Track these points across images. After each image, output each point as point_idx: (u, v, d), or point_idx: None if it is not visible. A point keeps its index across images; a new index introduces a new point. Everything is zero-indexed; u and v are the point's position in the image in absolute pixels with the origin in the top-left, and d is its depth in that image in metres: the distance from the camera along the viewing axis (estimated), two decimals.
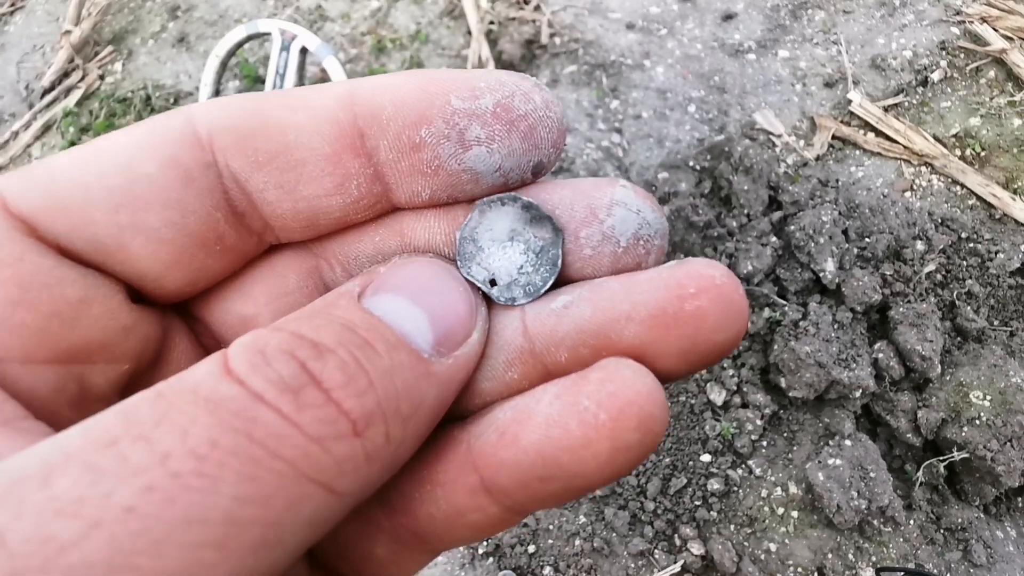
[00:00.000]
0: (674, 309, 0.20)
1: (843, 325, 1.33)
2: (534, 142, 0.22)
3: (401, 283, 0.21)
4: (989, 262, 1.45)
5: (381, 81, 0.22)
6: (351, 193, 0.22)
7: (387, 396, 0.18)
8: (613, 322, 0.21)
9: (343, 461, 0.16)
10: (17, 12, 2.23)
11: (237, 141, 0.21)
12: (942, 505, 1.28)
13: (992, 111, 1.68)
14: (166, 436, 0.15)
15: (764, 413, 1.34)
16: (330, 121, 0.21)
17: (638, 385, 0.19)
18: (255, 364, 0.17)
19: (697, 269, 0.20)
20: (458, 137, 0.21)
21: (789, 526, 1.28)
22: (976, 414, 1.24)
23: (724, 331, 0.20)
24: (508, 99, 0.21)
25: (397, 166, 0.22)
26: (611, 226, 0.22)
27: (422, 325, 0.20)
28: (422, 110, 0.21)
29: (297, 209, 0.22)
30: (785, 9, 1.95)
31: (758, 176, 1.53)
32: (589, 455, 0.19)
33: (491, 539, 1.31)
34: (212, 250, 0.22)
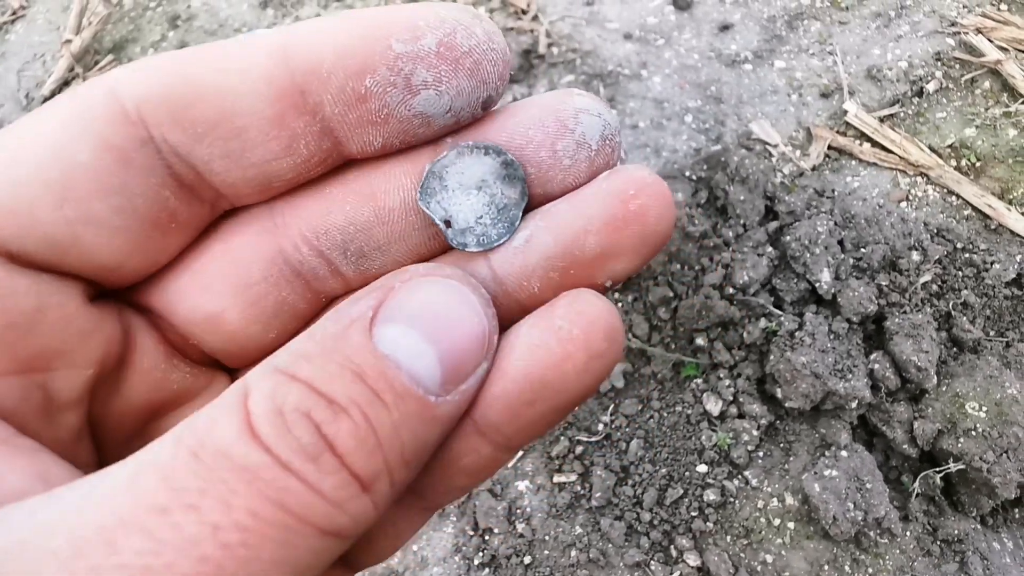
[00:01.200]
0: (622, 212, 0.22)
1: (839, 336, 1.33)
2: (481, 78, 0.22)
3: (414, 313, 0.20)
4: (985, 273, 1.45)
5: (314, 29, 0.21)
6: (300, 153, 0.22)
7: (391, 450, 0.19)
8: (574, 240, 0.22)
9: (357, 515, 0.18)
10: (18, 21, 2.24)
11: (171, 114, 0.20)
12: (938, 517, 1.27)
13: (987, 122, 1.69)
14: (213, 507, 0.16)
15: (760, 424, 1.34)
16: (266, 81, 0.20)
17: (599, 303, 0.22)
18: (277, 428, 0.17)
19: (631, 174, 0.22)
20: (404, 83, 0.21)
21: (785, 537, 1.27)
22: (972, 425, 1.24)
23: (664, 221, 0.22)
24: (450, 37, 0.21)
25: (345, 119, 0.21)
26: (581, 133, 0.23)
27: (431, 365, 0.20)
28: (364, 58, 0.20)
29: (247, 176, 0.22)
30: (781, 20, 1.96)
31: (754, 186, 1.53)
32: (569, 367, 0.21)
33: (487, 550, 1.31)
34: (167, 229, 0.22)
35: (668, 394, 1.42)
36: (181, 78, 0.20)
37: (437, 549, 1.32)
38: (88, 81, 0.21)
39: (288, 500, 0.17)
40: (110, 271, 0.21)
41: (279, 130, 0.21)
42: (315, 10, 2.11)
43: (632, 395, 1.43)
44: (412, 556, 1.32)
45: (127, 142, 0.20)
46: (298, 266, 0.24)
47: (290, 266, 0.24)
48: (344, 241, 0.24)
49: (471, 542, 1.32)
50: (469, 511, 1.35)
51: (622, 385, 1.44)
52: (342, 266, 0.24)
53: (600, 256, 0.22)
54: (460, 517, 1.35)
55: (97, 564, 0.15)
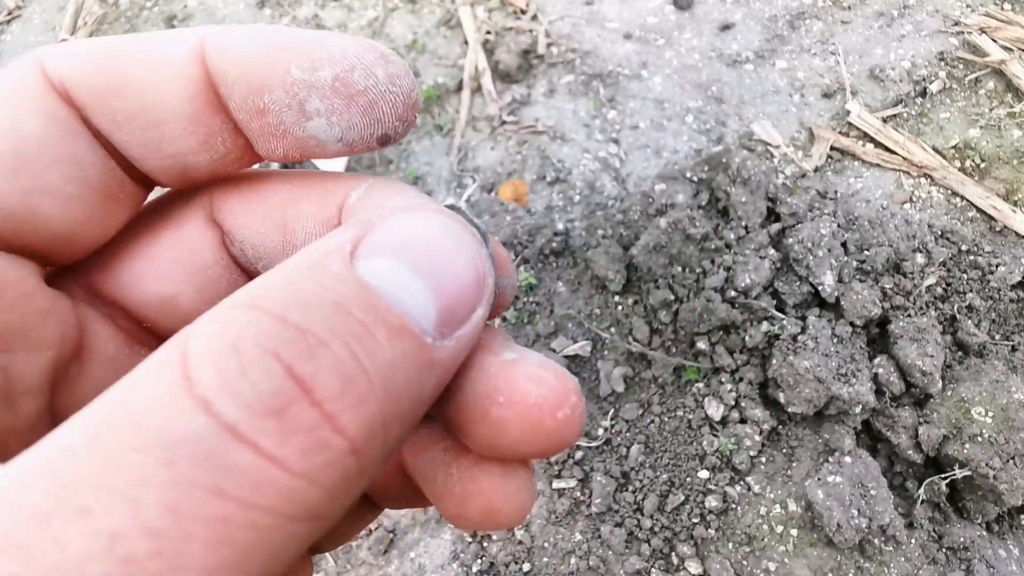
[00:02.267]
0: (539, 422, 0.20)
1: (842, 339, 1.31)
2: (375, 116, 0.21)
3: (400, 243, 0.18)
4: (990, 275, 1.43)
5: (228, 36, 0.21)
6: (217, 149, 0.22)
7: (389, 400, 0.15)
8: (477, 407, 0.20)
9: (335, 487, 0.14)
10: (14, 21, 2.23)
11: (94, 99, 0.21)
12: (944, 523, 1.26)
13: (992, 122, 1.67)
14: (111, 507, 0.12)
15: (763, 429, 1.32)
16: (185, 80, 0.21)
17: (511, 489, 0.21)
18: (226, 375, 0.13)
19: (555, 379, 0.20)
20: (298, 107, 0.21)
21: (788, 544, 1.26)
22: (978, 431, 1.22)
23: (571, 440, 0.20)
24: (348, 73, 0.21)
25: (249, 126, 0.22)
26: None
27: (425, 301, 0.17)
28: (264, 77, 0.21)
29: (164, 166, 0.22)
30: (783, 20, 1.94)
31: (756, 188, 1.51)
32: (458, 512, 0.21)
33: (485, 557, 1.29)
34: (117, 199, 0.22)
35: (669, 399, 1.40)
36: (106, 66, 0.21)
37: (435, 556, 1.31)
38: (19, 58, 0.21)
39: (228, 481, 0.12)
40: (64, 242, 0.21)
41: (196, 126, 0.22)
42: (312, 10, 2.10)
43: (632, 399, 1.41)
44: (409, 563, 1.30)
45: (68, 115, 0.21)
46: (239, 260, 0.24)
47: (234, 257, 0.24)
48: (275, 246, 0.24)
49: (469, 549, 1.30)
50: None
51: (622, 389, 1.42)
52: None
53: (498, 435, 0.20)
54: None
55: None
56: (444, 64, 1.95)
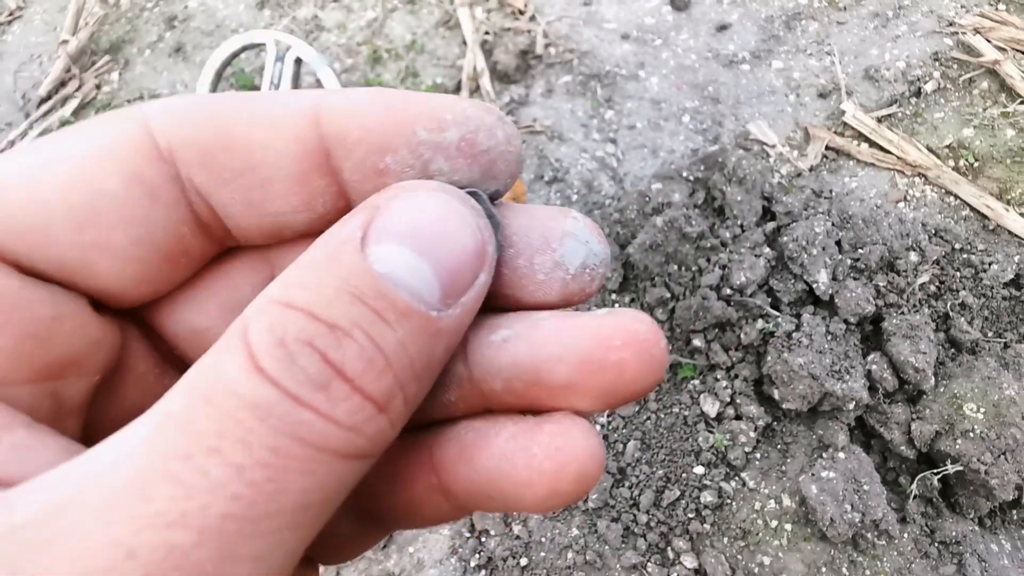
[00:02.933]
0: (599, 358, 0.22)
1: (836, 337, 1.33)
2: (493, 175, 0.23)
3: (404, 229, 0.20)
4: (983, 273, 1.45)
5: (348, 99, 0.22)
6: (317, 210, 0.23)
7: (401, 368, 0.19)
8: (545, 362, 0.22)
9: (374, 436, 0.19)
10: (15, 22, 2.24)
11: (201, 157, 0.21)
12: (936, 518, 1.27)
13: (985, 122, 1.69)
14: (234, 448, 0.17)
15: (757, 425, 1.34)
16: (296, 139, 0.22)
17: (583, 444, 0.21)
18: (282, 361, 0.18)
19: (625, 323, 0.22)
20: (422, 167, 0.22)
21: (783, 539, 1.27)
22: (970, 427, 1.23)
23: (641, 381, 0.22)
24: (473, 134, 0.22)
25: (361, 187, 0.23)
26: (562, 255, 0.24)
27: (429, 279, 0.20)
28: (388, 138, 0.22)
29: (262, 224, 0.23)
30: (779, 20, 1.95)
31: (752, 187, 1.53)
32: (528, 493, 0.21)
33: (483, 552, 1.31)
34: (178, 262, 0.23)
35: (665, 395, 1.42)
36: (214, 124, 0.22)
37: (434, 551, 1.32)
38: (122, 111, 0.22)
39: (304, 432, 0.17)
40: (115, 296, 0.22)
41: (301, 186, 0.22)
42: (312, 11, 2.11)
43: None
44: (408, 558, 1.32)
45: (157, 177, 0.21)
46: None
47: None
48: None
49: (467, 544, 1.32)
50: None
51: None
52: None
53: (564, 388, 0.22)
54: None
55: (136, 513, 0.16)
56: (443, 64, 1.96)
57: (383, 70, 1.97)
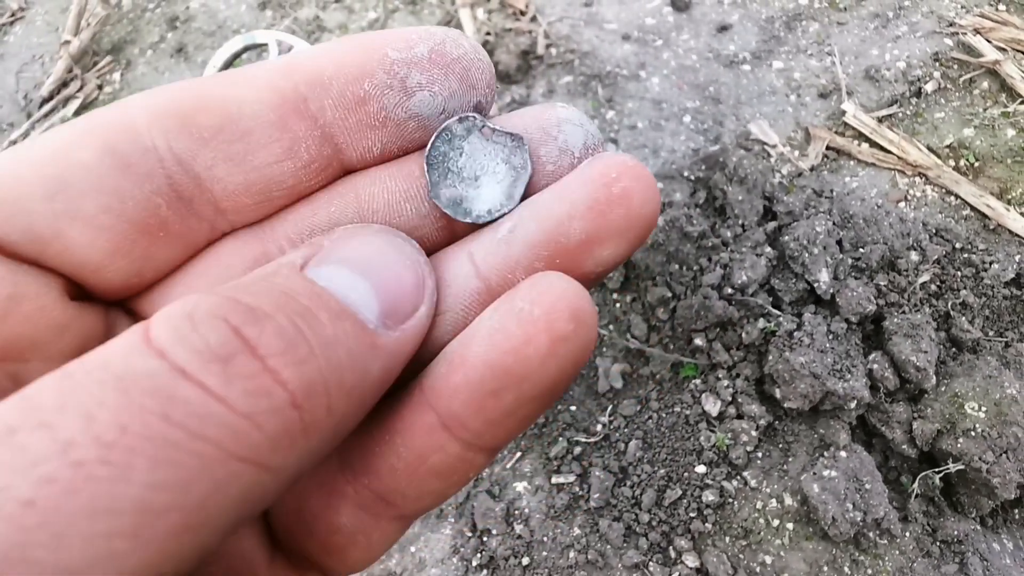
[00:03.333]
0: (605, 195, 0.22)
1: (838, 336, 1.33)
2: (471, 82, 0.23)
3: (346, 255, 0.20)
4: (984, 273, 1.45)
5: (319, 47, 0.23)
6: (301, 156, 0.23)
7: (330, 366, 0.17)
8: (559, 226, 0.22)
9: (278, 436, 0.15)
10: (17, 23, 2.24)
11: (179, 121, 0.22)
12: (938, 517, 1.27)
13: (986, 122, 1.69)
14: (69, 422, 0.13)
15: (759, 424, 1.34)
16: (271, 89, 0.22)
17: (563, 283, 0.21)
18: (180, 331, 0.15)
19: (612, 159, 0.23)
20: (400, 85, 0.22)
21: (784, 538, 1.27)
22: (971, 425, 1.23)
23: (649, 203, 0.22)
24: (440, 45, 0.23)
25: (345, 123, 0.23)
26: (564, 140, 0.24)
27: (367, 296, 0.20)
28: (362, 64, 0.22)
29: (249, 181, 0.23)
30: (779, 21, 1.96)
31: (752, 186, 1.53)
32: (531, 351, 0.19)
33: (485, 551, 1.31)
34: (155, 237, 0.22)
35: (667, 395, 1.42)
36: (193, 92, 0.22)
37: (435, 550, 1.32)
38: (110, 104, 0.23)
39: (174, 410, 0.14)
40: (91, 271, 0.22)
41: (281, 132, 0.22)
42: (313, 11, 2.12)
43: (631, 396, 1.43)
44: (410, 558, 1.32)
45: (130, 148, 0.21)
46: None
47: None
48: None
49: (469, 543, 1.32)
50: (467, 512, 1.34)
51: (620, 386, 1.43)
52: None
53: (585, 242, 0.22)
54: (458, 518, 1.34)
55: None
56: None
57: None
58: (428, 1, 2.10)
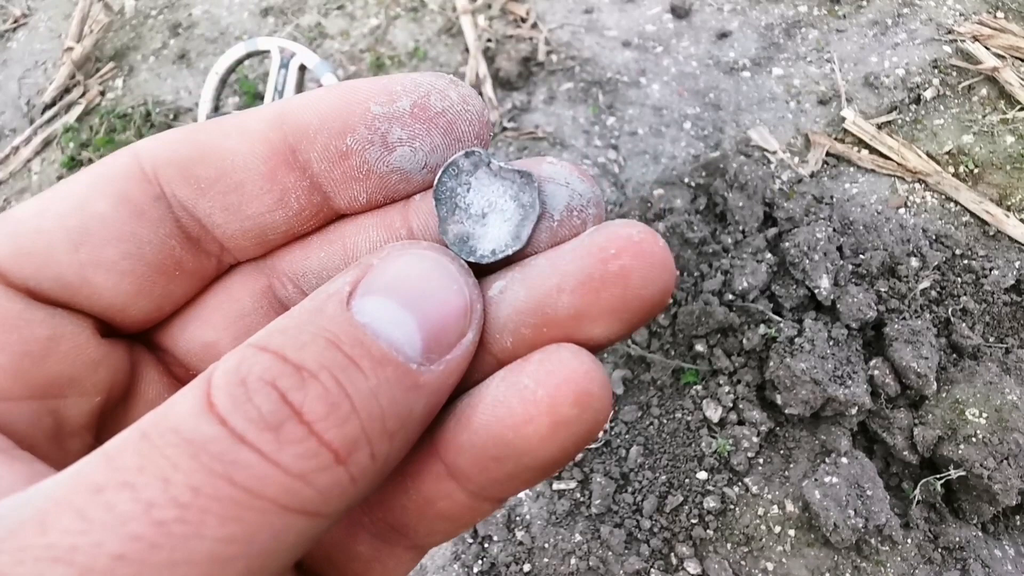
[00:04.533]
0: (599, 272, 0.20)
1: (838, 342, 1.33)
2: (456, 136, 0.23)
3: (391, 282, 0.20)
4: (984, 279, 1.45)
5: (307, 97, 0.23)
6: (292, 206, 0.24)
7: (370, 418, 0.18)
8: (546, 296, 0.21)
9: (327, 490, 0.17)
10: (20, 28, 2.25)
11: (180, 172, 0.23)
12: (940, 523, 1.27)
13: (985, 128, 1.70)
14: (149, 483, 0.15)
15: (760, 430, 1.34)
16: (262, 141, 0.23)
17: (574, 363, 0.20)
18: (236, 399, 0.17)
19: (615, 231, 0.21)
20: (381, 140, 0.23)
21: (786, 545, 1.27)
22: (972, 432, 1.24)
23: (651, 285, 0.20)
24: (424, 99, 0.23)
25: (330, 175, 0.23)
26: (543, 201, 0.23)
27: (411, 332, 0.19)
28: (344, 119, 0.23)
29: (245, 228, 0.24)
30: (779, 28, 1.97)
31: (753, 192, 1.54)
32: (531, 431, 0.19)
33: (486, 558, 1.30)
34: (172, 275, 0.24)
35: (668, 400, 1.42)
36: (190, 142, 0.23)
37: (436, 557, 1.32)
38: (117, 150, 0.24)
39: (239, 474, 0.16)
40: (117, 311, 0.23)
41: (271, 184, 0.23)
42: (315, 18, 2.13)
43: (632, 401, 1.43)
44: None
45: (142, 196, 0.23)
46: (284, 300, 0.26)
47: (277, 300, 0.26)
48: (319, 282, 0.25)
49: (470, 550, 1.31)
50: None
51: (622, 392, 1.43)
52: None
53: (574, 317, 0.21)
54: None
55: (26, 544, 0.15)
56: (445, 71, 1.97)
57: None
58: (429, 8, 2.11)
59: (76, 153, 1.93)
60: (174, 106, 2.00)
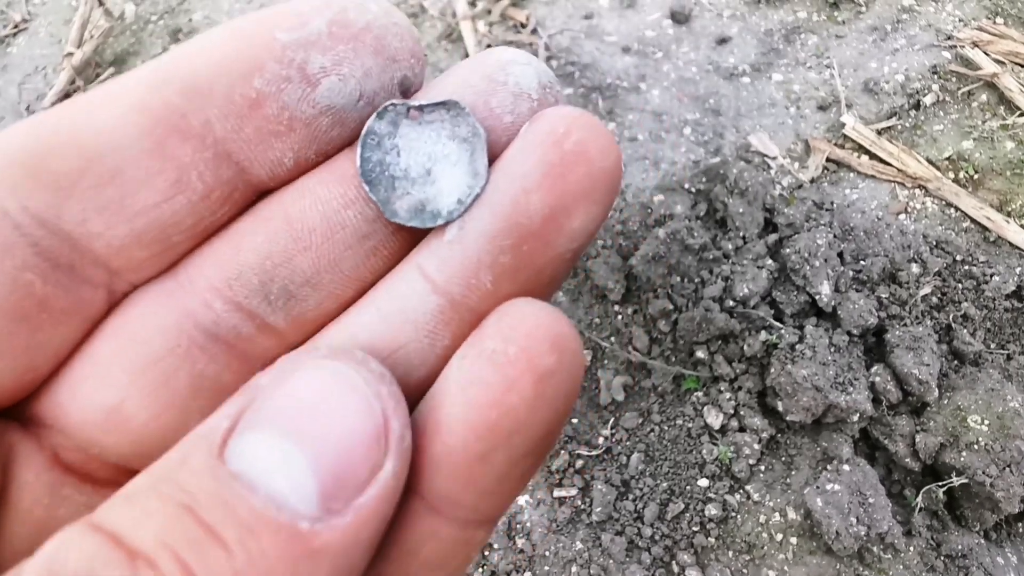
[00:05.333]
0: (558, 156, 0.18)
1: (840, 348, 1.33)
2: (389, 55, 0.19)
3: (278, 410, 0.15)
4: (985, 285, 1.45)
5: (193, 43, 0.18)
6: (195, 187, 0.18)
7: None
8: (515, 206, 0.18)
9: None
10: (20, 34, 2.26)
11: (27, 171, 0.16)
12: (942, 531, 1.27)
13: (985, 134, 1.70)
14: None
15: (762, 437, 1.34)
16: (138, 109, 0.17)
17: (535, 309, 0.17)
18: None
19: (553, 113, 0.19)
20: (300, 74, 0.18)
21: (788, 552, 1.26)
22: (974, 439, 1.23)
23: (608, 155, 0.19)
24: (342, 15, 0.18)
25: (241, 134, 0.18)
26: (515, 83, 0.20)
27: (302, 477, 0.15)
28: (247, 57, 0.17)
29: (136, 230, 0.18)
30: (778, 33, 1.97)
31: (753, 198, 1.53)
32: (515, 398, 0.16)
33: (487, 566, 1.30)
34: (38, 321, 0.17)
35: (669, 407, 1.41)
36: (34, 132, 0.17)
37: None
38: None
39: None
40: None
41: (161, 162, 0.17)
42: None
43: (632, 408, 1.42)
44: None
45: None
46: (213, 327, 0.19)
47: (202, 329, 0.19)
48: (263, 283, 0.19)
49: None
50: None
51: (622, 398, 1.43)
52: (268, 316, 0.19)
53: (550, 216, 0.18)
54: None
55: None
56: None
57: None
58: (429, 14, 2.12)
59: None
60: None
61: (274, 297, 0.19)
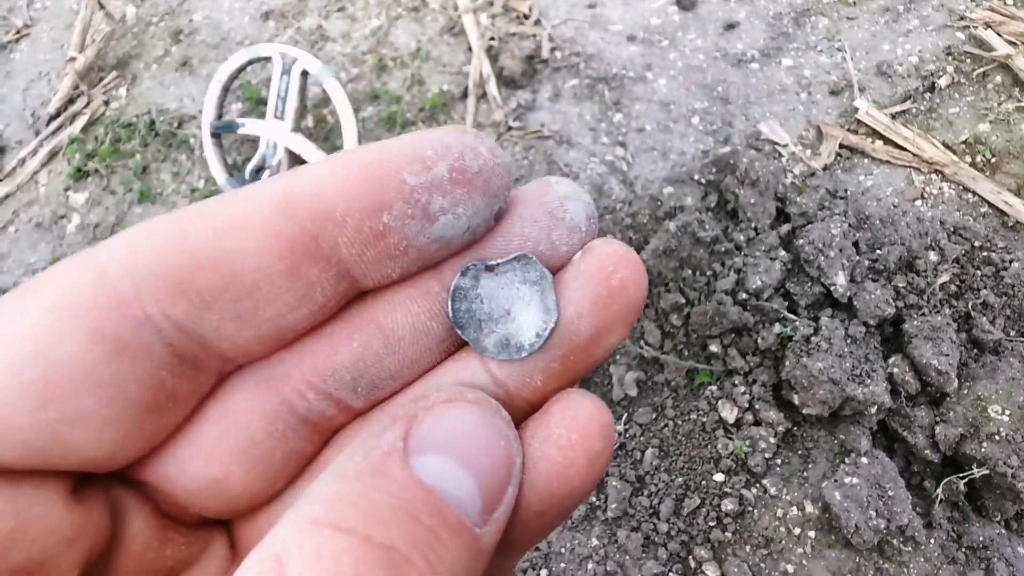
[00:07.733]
0: (607, 290, 0.23)
1: (856, 340, 1.31)
2: (492, 193, 0.22)
3: (447, 440, 0.20)
4: (1004, 271, 1.42)
5: (320, 174, 0.20)
6: (317, 300, 0.21)
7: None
8: (569, 327, 0.23)
9: None
10: (23, 40, 2.25)
11: (172, 287, 0.19)
12: (963, 523, 1.25)
13: (1001, 116, 1.66)
14: None
15: (777, 431, 1.32)
16: (271, 235, 0.20)
17: (590, 404, 0.22)
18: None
19: (606, 250, 0.23)
20: (422, 213, 0.21)
21: (806, 547, 1.25)
22: (995, 429, 1.21)
23: (641, 288, 0.23)
24: (460, 161, 0.21)
25: (363, 258, 0.21)
26: (570, 219, 0.24)
27: (472, 493, 0.19)
28: (376, 196, 0.20)
29: (261, 333, 0.21)
30: (788, 17, 1.93)
31: (765, 188, 1.51)
32: (573, 473, 0.21)
33: None
34: (164, 409, 0.20)
35: (682, 402, 1.40)
36: (177, 247, 0.19)
37: None
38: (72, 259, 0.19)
39: None
40: (101, 463, 0.20)
41: (292, 281, 0.20)
42: (316, 21, 2.11)
43: (646, 403, 1.41)
44: None
45: (121, 328, 0.19)
46: (305, 413, 0.23)
47: (296, 416, 0.23)
48: (353, 379, 0.23)
49: None
50: None
51: (635, 394, 1.42)
52: (352, 402, 0.24)
53: (595, 336, 0.23)
54: None
55: None
56: (449, 71, 1.95)
57: (389, 79, 1.96)
58: (431, 8, 2.09)
59: (83, 164, 1.93)
60: (178, 114, 1.99)
61: (361, 389, 0.23)
